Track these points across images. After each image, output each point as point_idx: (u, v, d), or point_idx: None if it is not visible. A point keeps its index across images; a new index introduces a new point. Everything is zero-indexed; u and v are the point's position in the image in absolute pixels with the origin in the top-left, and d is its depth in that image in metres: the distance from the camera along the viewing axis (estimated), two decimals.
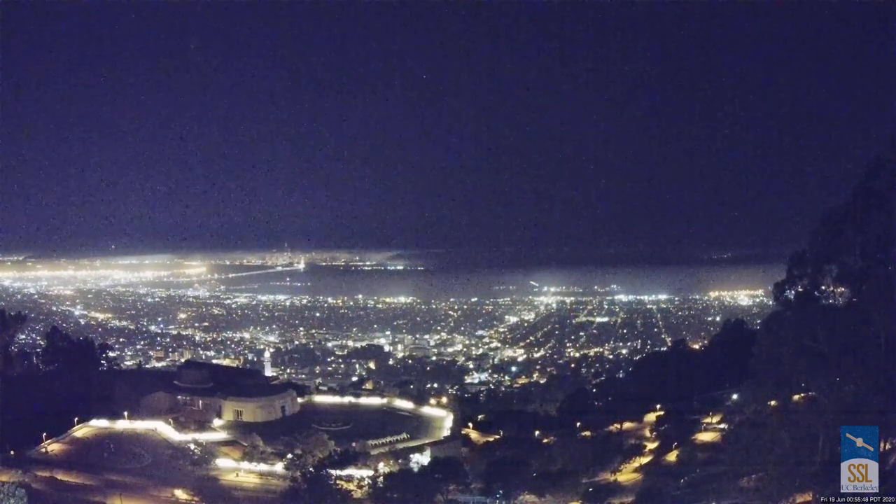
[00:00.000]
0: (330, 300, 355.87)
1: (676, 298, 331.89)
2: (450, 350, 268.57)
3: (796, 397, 72.21)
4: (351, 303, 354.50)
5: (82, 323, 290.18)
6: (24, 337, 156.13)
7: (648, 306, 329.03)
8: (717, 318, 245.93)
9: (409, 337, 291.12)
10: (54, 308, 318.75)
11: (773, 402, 72.94)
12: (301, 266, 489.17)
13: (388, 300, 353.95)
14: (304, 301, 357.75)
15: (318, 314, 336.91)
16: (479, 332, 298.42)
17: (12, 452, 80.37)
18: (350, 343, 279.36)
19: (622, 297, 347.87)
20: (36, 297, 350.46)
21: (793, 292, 71.90)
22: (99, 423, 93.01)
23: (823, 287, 68.72)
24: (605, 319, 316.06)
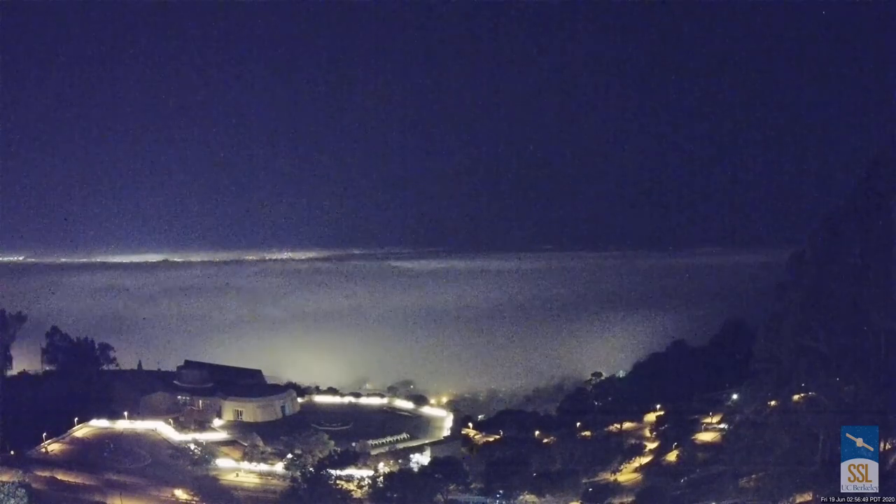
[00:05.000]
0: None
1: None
2: None
3: (796, 397, 72.36)
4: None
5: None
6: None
7: None
8: None
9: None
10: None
11: (773, 402, 73.13)
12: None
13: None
14: None
15: None
16: None
17: (12, 452, 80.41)
18: None
19: None
20: None
21: (793, 292, 71.95)
22: (99, 423, 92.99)
23: (823, 286, 68.75)
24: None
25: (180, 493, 74.82)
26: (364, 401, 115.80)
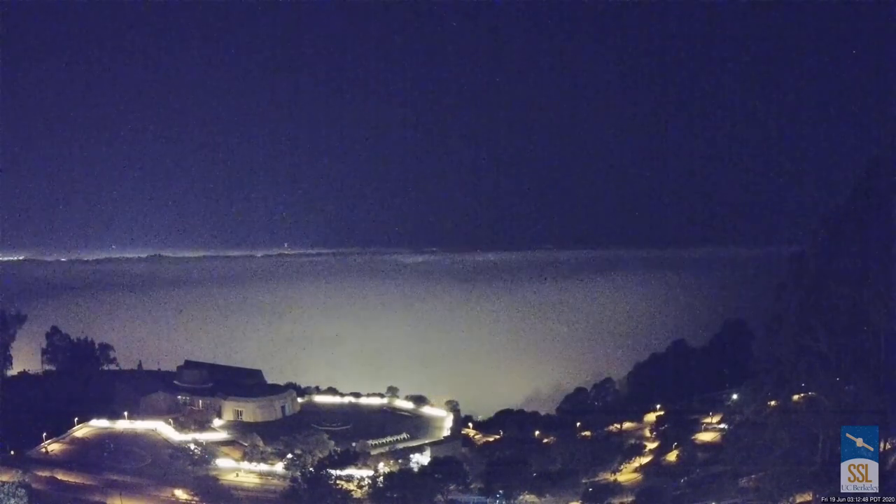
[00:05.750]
0: None
1: None
2: None
3: (796, 397, 72.40)
4: None
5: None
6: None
7: None
8: None
9: None
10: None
11: (773, 402, 73.18)
12: None
13: None
14: None
15: None
16: None
17: (12, 452, 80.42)
18: None
19: None
20: None
21: (793, 292, 71.97)
22: (99, 423, 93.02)
23: (823, 287, 68.75)
24: None
25: (180, 493, 74.84)
26: (364, 401, 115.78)
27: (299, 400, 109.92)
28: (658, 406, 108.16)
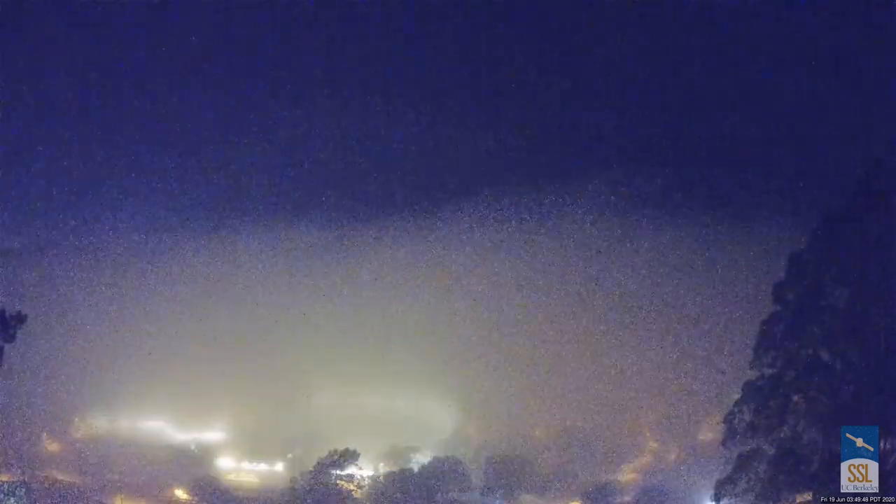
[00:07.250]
0: None
1: None
2: None
3: (796, 398, 72.39)
4: None
5: None
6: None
7: None
8: None
9: None
10: None
11: (772, 402, 73.15)
12: None
13: None
14: None
15: None
16: None
17: (12, 452, 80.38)
18: None
19: None
20: None
21: (791, 291, 71.87)
22: (99, 423, 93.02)
23: (822, 287, 68.68)
24: None
25: (180, 493, 74.92)
26: (365, 400, 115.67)
27: None
28: (658, 406, 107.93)
